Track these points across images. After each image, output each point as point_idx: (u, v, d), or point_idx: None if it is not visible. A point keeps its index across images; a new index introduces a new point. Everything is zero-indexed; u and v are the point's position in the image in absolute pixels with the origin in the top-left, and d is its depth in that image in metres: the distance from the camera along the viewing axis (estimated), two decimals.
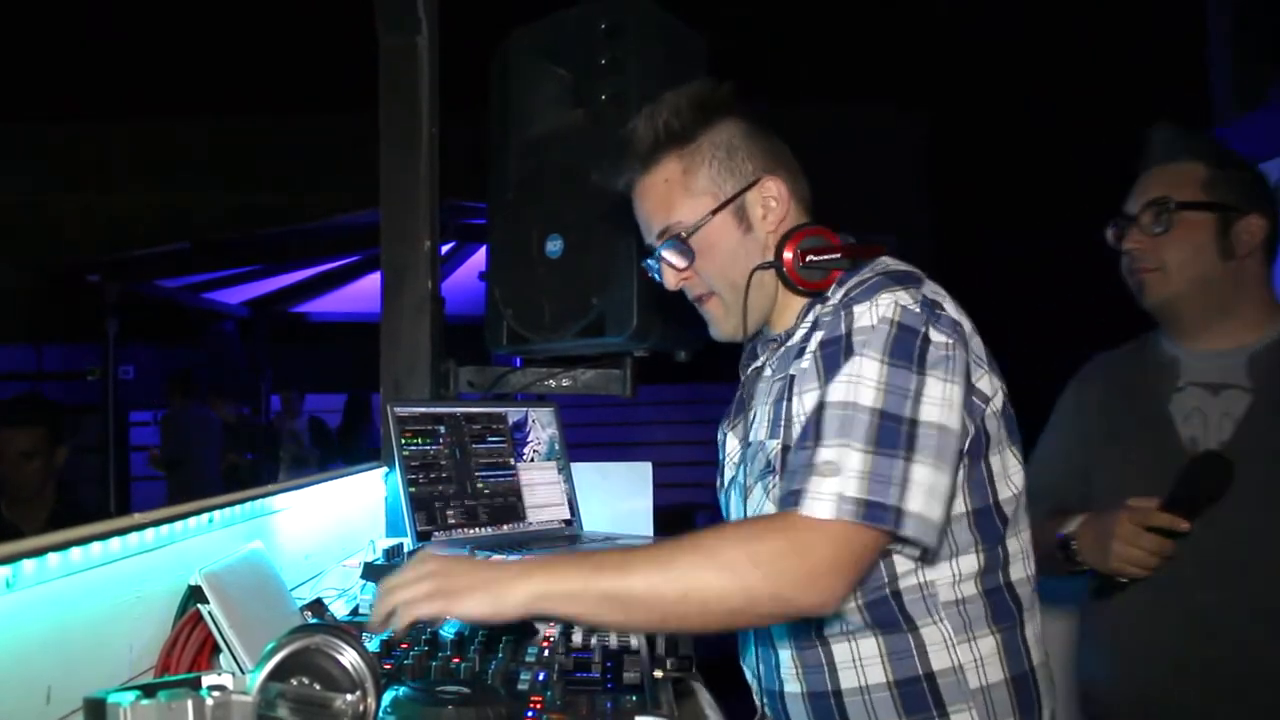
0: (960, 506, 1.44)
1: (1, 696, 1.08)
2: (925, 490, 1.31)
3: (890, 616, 1.44)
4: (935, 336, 1.38)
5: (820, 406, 1.35)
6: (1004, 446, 1.48)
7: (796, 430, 1.42)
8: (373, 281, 2.76)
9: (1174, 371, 1.94)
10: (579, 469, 2.52)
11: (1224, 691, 1.76)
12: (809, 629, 1.49)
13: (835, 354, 1.38)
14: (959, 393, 1.37)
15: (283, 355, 8.88)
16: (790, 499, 1.31)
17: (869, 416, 1.32)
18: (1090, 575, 1.90)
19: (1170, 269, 1.89)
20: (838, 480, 1.29)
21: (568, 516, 2.42)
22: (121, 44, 7.91)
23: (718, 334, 1.64)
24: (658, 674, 1.43)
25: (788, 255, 1.52)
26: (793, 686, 1.52)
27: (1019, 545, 1.50)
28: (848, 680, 1.47)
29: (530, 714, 1.24)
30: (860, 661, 1.46)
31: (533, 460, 2.41)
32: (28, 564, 1.10)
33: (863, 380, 1.34)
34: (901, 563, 1.43)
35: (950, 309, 1.43)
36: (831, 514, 1.28)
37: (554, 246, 2.45)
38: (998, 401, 1.47)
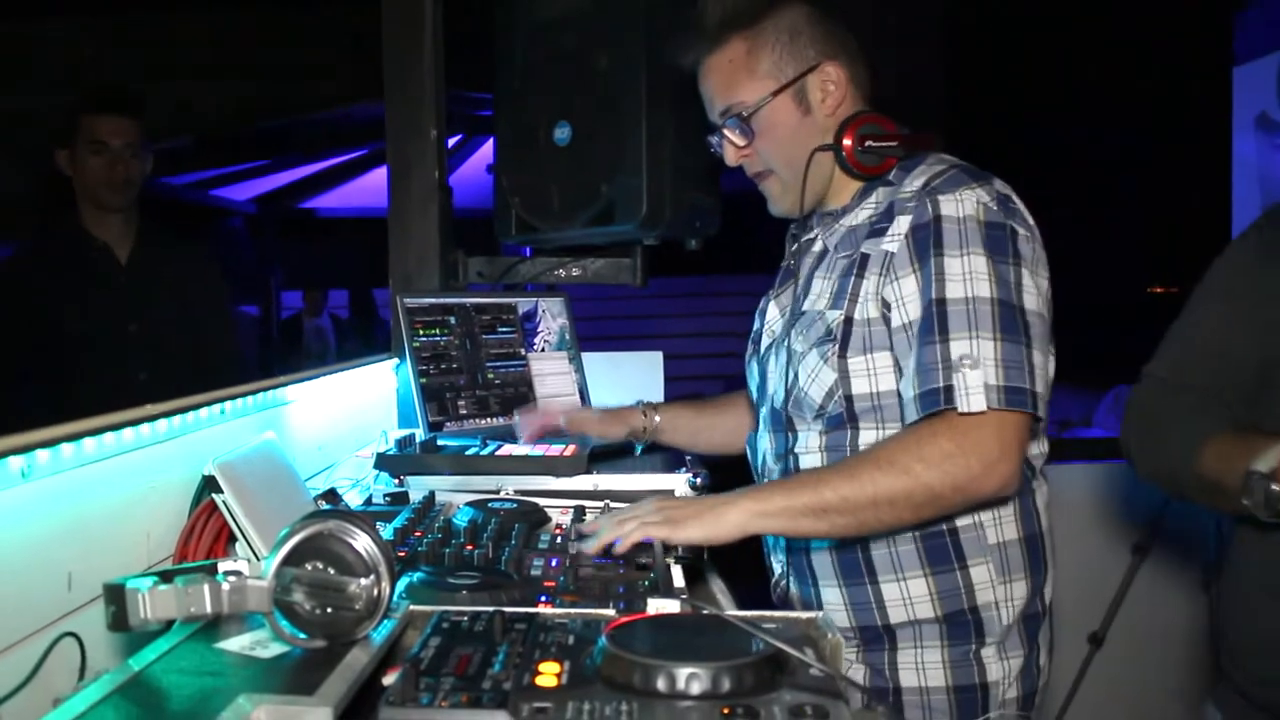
0: None
1: (24, 582, 1.10)
2: (1043, 372, 1.45)
3: None
4: (1019, 229, 1.50)
5: (941, 302, 1.45)
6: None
7: (871, 307, 1.53)
8: (381, 175, 2.73)
9: None
10: (590, 358, 2.51)
11: None
12: None
13: (926, 239, 1.49)
14: (1045, 284, 1.51)
15: (291, 251, 8.83)
16: (934, 397, 1.42)
17: (990, 308, 1.43)
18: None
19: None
20: (980, 372, 1.40)
21: (579, 406, 2.42)
22: None
23: (775, 210, 1.73)
24: (669, 559, 1.44)
25: (847, 141, 1.60)
26: (820, 542, 1.62)
27: (1039, 427, 1.57)
28: (876, 535, 1.55)
29: (543, 598, 1.25)
30: None
31: (543, 350, 2.41)
32: (41, 454, 1.10)
33: (977, 275, 1.44)
34: None
35: (1019, 204, 1.54)
36: (984, 405, 1.39)
37: (562, 134, 2.41)
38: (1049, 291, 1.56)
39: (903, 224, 1.52)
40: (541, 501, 1.76)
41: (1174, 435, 1.58)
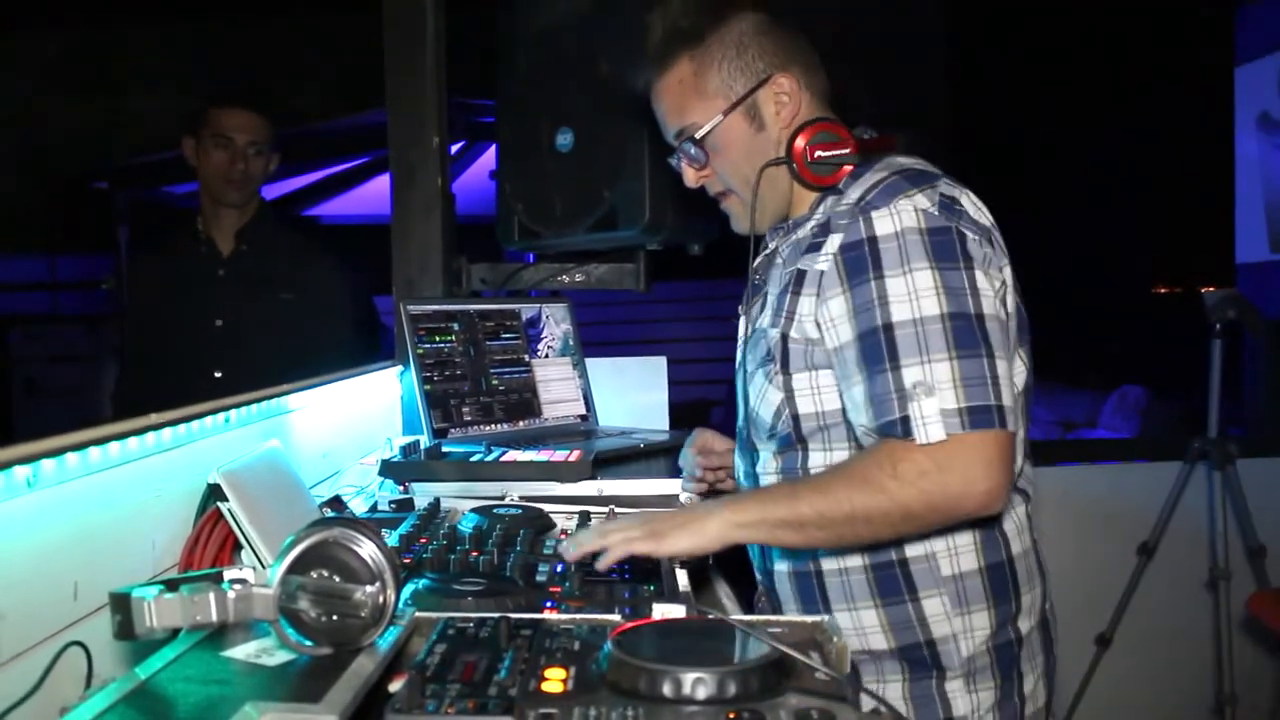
0: None
1: (31, 592, 1.10)
2: (1007, 382, 1.36)
3: None
4: (967, 231, 1.41)
5: (888, 328, 1.37)
6: (1014, 344, 1.48)
7: (809, 328, 1.47)
8: (384, 182, 2.73)
9: None
10: (593, 364, 2.52)
11: None
12: None
13: (860, 259, 1.40)
14: (999, 284, 1.42)
15: None
16: (891, 429, 1.35)
17: (940, 324, 1.35)
18: None
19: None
20: (936, 399, 1.33)
21: (583, 412, 2.42)
22: None
23: (737, 229, 1.67)
24: (674, 565, 1.44)
25: (797, 151, 1.53)
26: (781, 565, 1.59)
27: None
28: (828, 561, 1.53)
29: (549, 604, 1.25)
30: None
31: (547, 356, 2.41)
32: (47, 463, 1.10)
33: (922, 292, 1.36)
34: None
35: (967, 204, 1.45)
36: (943, 434, 1.32)
37: (564, 139, 2.41)
38: (1014, 296, 1.49)
39: (834, 242, 1.45)
40: (546, 507, 1.76)
41: None
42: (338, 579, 0.97)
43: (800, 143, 1.53)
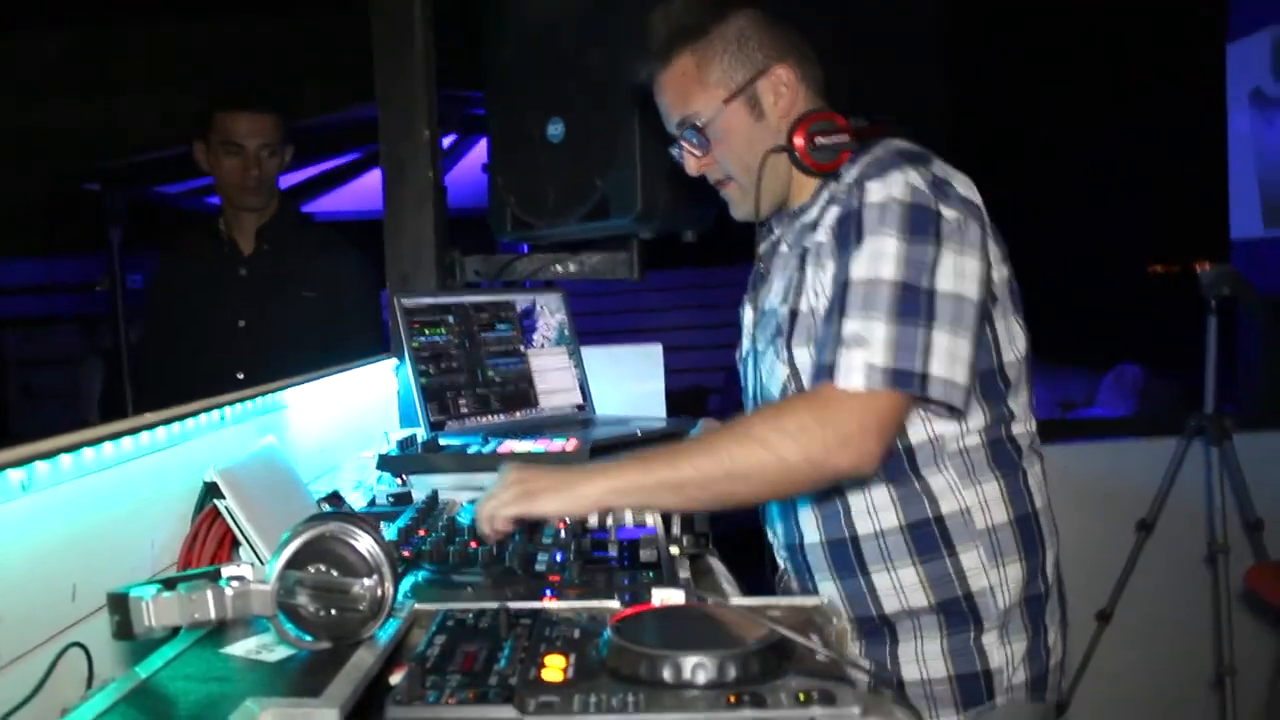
0: None
1: (29, 594, 1.10)
2: (946, 354, 1.42)
3: (900, 468, 1.56)
4: (946, 212, 1.46)
5: (845, 284, 1.46)
6: (1008, 314, 1.58)
7: (811, 298, 1.55)
8: (376, 177, 2.72)
9: None
10: (589, 353, 2.51)
11: None
12: None
13: (848, 230, 1.49)
14: (974, 265, 1.47)
15: None
16: (822, 372, 1.44)
17: (890, 290, 1.42)
18: None
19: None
20: (865, 351, 1.40)
21: (580, 401, 2.42)
22: None
23: (736, 215, 1.74)
24: (674, 551, 1.44)
25: (798, 139, 1.60)
26: (812, 536, 1.64)
27: (1020, 405, 1.60)
28: (863, 527, 1.58)
29: (549, 591, 1.25)
30: (874, 509, 1.57)
31: (543, 346, 2.40)
32: (40, 466, 1.10)
33: (883, 256, 1.44)
34: (912, 420, 1.54)
35: (959, 185, 1.52)
36: (861, 384, 1.40)
37: (555, 130, 2.41)
38: (1004, 270, 1.57)
39: (832, 214, 1.54)
40: None
41: None
42: (335, 573, 0.97)
43: (801, 131, 1.60)
